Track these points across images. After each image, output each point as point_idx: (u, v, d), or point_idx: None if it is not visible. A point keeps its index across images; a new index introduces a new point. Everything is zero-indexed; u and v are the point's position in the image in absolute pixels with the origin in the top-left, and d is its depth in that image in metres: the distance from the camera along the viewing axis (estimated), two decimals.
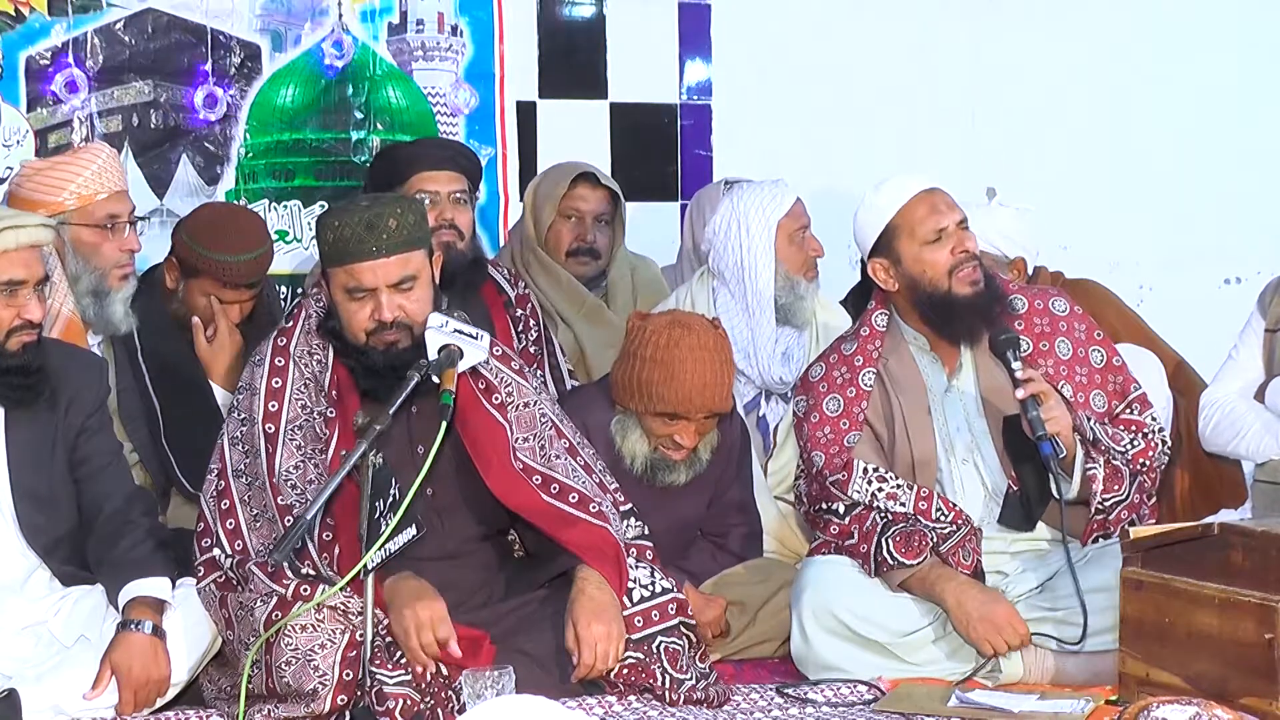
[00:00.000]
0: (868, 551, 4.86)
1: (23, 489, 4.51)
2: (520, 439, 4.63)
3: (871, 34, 7.15)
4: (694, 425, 5.04)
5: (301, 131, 6.53)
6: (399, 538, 4.23)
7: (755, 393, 5.74)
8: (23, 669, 4.39)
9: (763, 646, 5.13)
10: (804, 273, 5.75)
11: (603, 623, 4.46)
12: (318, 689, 4.22)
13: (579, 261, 6.04)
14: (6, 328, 4.41)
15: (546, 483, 4.60)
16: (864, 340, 5.07)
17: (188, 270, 5.35)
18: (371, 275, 4.47)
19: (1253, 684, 4.24)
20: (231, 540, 4.49)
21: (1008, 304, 5.01)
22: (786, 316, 5.72)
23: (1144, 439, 4.94)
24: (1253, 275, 7.13)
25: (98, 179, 5.11)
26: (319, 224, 4.58)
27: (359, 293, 4.49)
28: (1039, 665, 4.79)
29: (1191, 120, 7.45)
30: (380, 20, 6.60)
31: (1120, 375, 5.03)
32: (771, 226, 5.71)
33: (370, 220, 4.47)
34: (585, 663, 4.46)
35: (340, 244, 4.47)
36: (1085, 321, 5.08)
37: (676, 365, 4.97)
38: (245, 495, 4.52)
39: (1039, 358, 4.95)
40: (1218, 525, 4.43)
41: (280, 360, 4.63)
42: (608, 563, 4.55)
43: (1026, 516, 4.94)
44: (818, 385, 5.08)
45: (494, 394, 4.65)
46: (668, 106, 6.99)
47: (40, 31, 6.18)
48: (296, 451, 4.52)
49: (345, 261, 4.48)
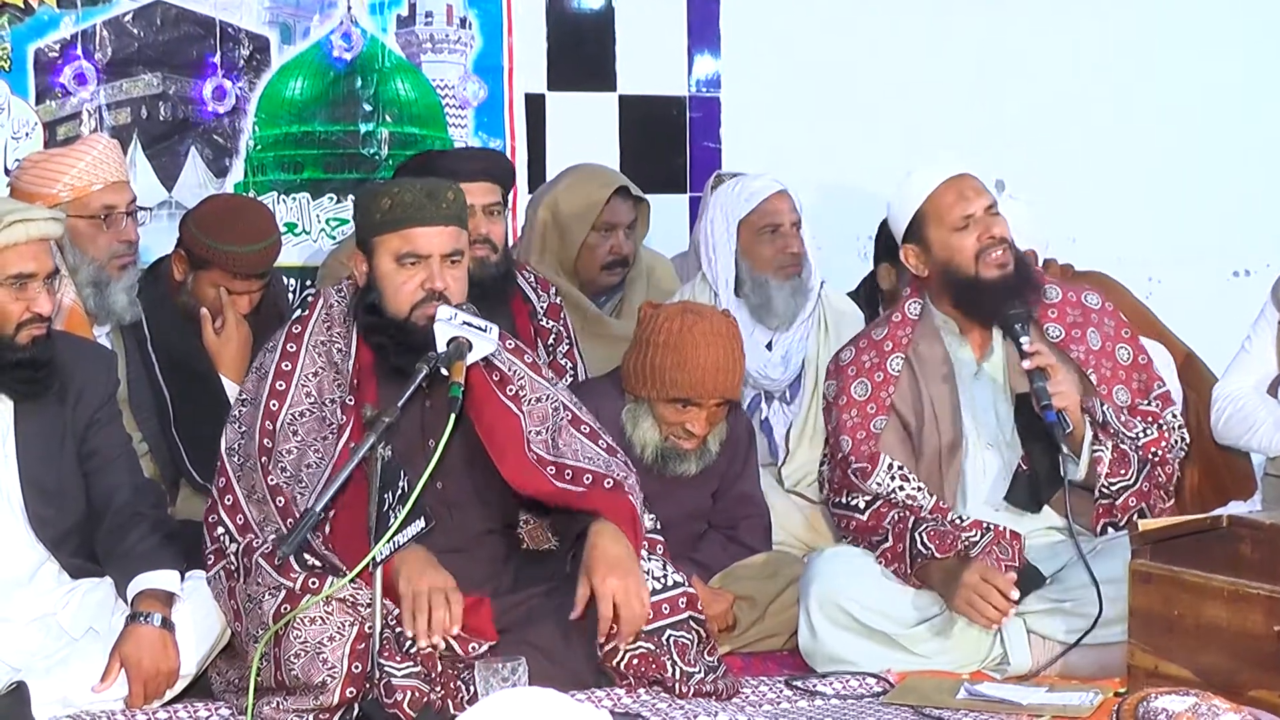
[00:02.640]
0: (903, 551, 4.86)
1: (32, 482, 4.51)
2: (533, 431, 4.63)
3: (880, 27, 7.14)
4: (705, 412, 5.05)
5: (310, 124, 6.53)
6: (408, 530, 4.23)
7: (753, 393, 5.74)
8: (32, 661, 4.40)
9: (771, 640, 5.14)
10: (775, 271, 5.72)
11: (619, 575, 4.42)
12: (326, 681, 4.22)
13: (612, 273, 6.02)
14: (16, 321, 4.41)
15: (560, 471, 4.59)
16: (895, 326, 5.11)
17: (196, 261, 5.36)
18: (428, 242, 4.52)
19: (1262, 676, 4.24)
20: (232, 516, 4.49)
21: (1041, 292, 5.05)
22: (759, 317, 5.70)
23: (1158, 429, 4.96)
24: (1261, 268, 7.13)
25: (92, 170, 5.12)
26: (369, 194, 4.62)
27: (411, 259, 4.52)
28: (1047, 658, 4.79)
29: (1200, 112, 7.44)
30: (389, 12, 6.60)
31: (1145, 373, 5.06)
32: (731, 224, 5.72)
33: (431, 190, 4.55)
34: (604, 616, 4.39)
35: (399, 209, 4.51)
36: (1116, 318, 5.11)
37: (689, 350, 5.00)
38: (237, 472, 4.54)
39: (1069, 344, 5.00)
40: (1227, 518, 4.43)
41: (292, 346, 4.65)
42: (623, 519, 4.52)
43: (1033, 497, 4.95)
44: (846, 369, 5.11)
45: (508, 385, 4.66)
46: (676, 99, 6.98)
47: (49, 24, 6.18)
48: (293, 437, 4.53)
49: (403, 226, 4.51)
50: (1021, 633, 4.82)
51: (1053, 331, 5.02)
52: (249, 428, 4.57)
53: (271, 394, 4.57)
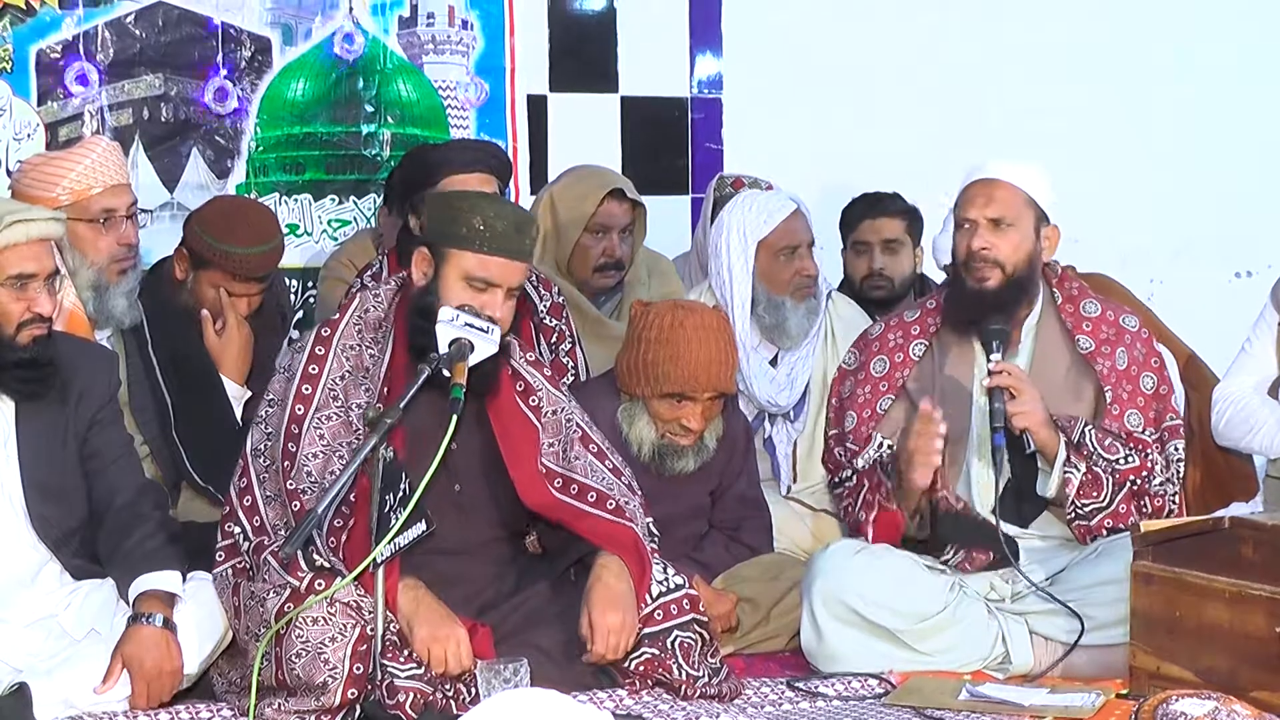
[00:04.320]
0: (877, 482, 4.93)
1: (34, 482, 4.50)
2: (546, 444, 4.66)
3: (882, 27, 7.14)
4: (700, 407, 5.06)
5: (312, 125, 6.53)
6: (408, 533, 4.23)
7: (755, 412, 5.72)
8: (33, 663, 4.39)
9: (773, 641, 5.13)
10: (792, 293, 5.70)
11: (617, 612, 4.46)
12: (328, 682, 4.21)
13: (605, 276, 5.99)
14: (17, 321, 4.40)
15: (566, 484, 4.63)
16: (926, 312, 5.18)
17: (198, 261, 5.36)
18: (502, 273, 4.51)
19: (1263, 677, 4.25)
20: (250, 516, 4.49)
21: (1081, 306, 5.09)
22: (771, 336, 5.70)
23: (1140, 457, 4.96)
24: (1263, 269, 7.13)
25: (92, 173, 5.10)
26: (457, 204, 4.59)
27: (479, 283, 4.51)
28: (1050, 658, 4.79)
29: (1202, 113, 7.44)
30: (391, 14, 6.60)
31: (1163, 405, 5.06)
32: (750, 246, 5.68)
33: (520, 223, 4.55)
34: (597, 651, 4.46)
35: (489, 234, 4.49)
36: (1149, 346, 5.12)
37: (681, 344, 5.01)
38: (262, 475, 4.53)
39: (1096, 358, 5.02)
40: (1228, 519, 4.43)
41: (320, 349, 4.63)
42: (627, 552, 4.56)
43: (1018, 511, 4.98)
44: (872, 344, 5.19)
45: (531, 396, 4.70)
46: (678, 100, 6.99)
47: (51, 25, 6.18)
48: (319, 440, 4.52)
49: (486, 251, 4.49)
50: (1024, 633, 4.83)
51: (1084, 344, 5.03)
52: (275, 430, 4.57)
53: (298, 397, 4.56)
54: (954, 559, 4.93)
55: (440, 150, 5.72)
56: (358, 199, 6.54)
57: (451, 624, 4.39)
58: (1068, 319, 5.09)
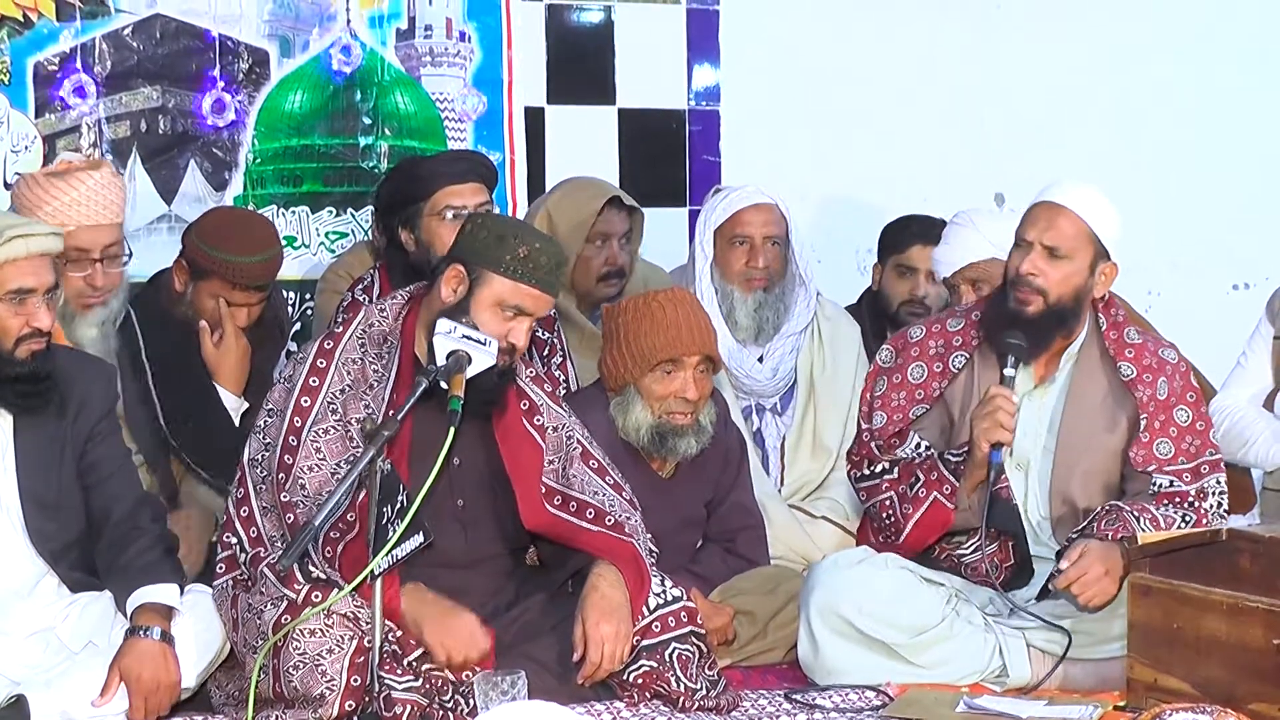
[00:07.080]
0: (940, 475, 4.92)
1: (31, 495, 4.51)
2: (547, 461, 4.67)
3: (880, 39, 7.14)
4: (692, 374, 5.05)
5: (309, 137, 6.52)
6: (405, 545, 4.22)
7: (747, 401, 5.74)
8: (31, 675, 4.40)
9: (770, 654, 5.13)
10: (742, 283, 5.74)
11: (611, 622, 4.47)
12: (325, 694, 4.22)
13: (608, 284, 5.98)
14: (16, 336, 4.40)
15: (566, 501, 4.64)
16: (971, 323, 5.10)
17: (197, 272, 5.35)
18: (535, 304, 4.56)
19: (1260, 689, 4.25)
20: (246, 527, 4.50)
21: (1125, 334, 5.07)
22: (728, 325, 5.72)
23: (1194, 510, 4.93)
24: (1261, 281, 7.12)
25: (70, 209, 5.00)
26: (500, 229, 4.60)
27: (511, 310, 4.53)
28: (1046, 670, 4.79)
29: (1200, 125, 7.44)
30: (388, 26, 6.60)
31: (1199, 439, 5.02)
32: (708, 233, 5.77)
33: (561, 260, 4.62)
34: (591, 661, 4.46)
35: (531, 265, 4.52)
36: (1186, 380, 5.08)
37: (658, 314, 5.07)
38: (259, 485, 4.54)
39: (1138, 385, 4.98)
40: (1226, 531, 4.43)
41: (322, 362, 4.63)
42: (626, 565, 4.57)
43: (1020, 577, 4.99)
44: (911, 348, 5.12)
45: (535, 415, 4.71)
46: (676, 112, 6.98)
47: (48, 37, 6.18)
48: (315, 453, 4.52)
49: (526, 282, 4.52)
50: (1021, 646, 4.83)
51: (1125, 370, 4.99)
52: (273, 440, 4.57)
53: (296, 409, 4.56)
54: (970, 556, 4.92)
55: (429, 163, 5.71)
56: (355, 211, 6.53)
57: (458, 612, 4.41)
58: (1111, 345, 5.03)
